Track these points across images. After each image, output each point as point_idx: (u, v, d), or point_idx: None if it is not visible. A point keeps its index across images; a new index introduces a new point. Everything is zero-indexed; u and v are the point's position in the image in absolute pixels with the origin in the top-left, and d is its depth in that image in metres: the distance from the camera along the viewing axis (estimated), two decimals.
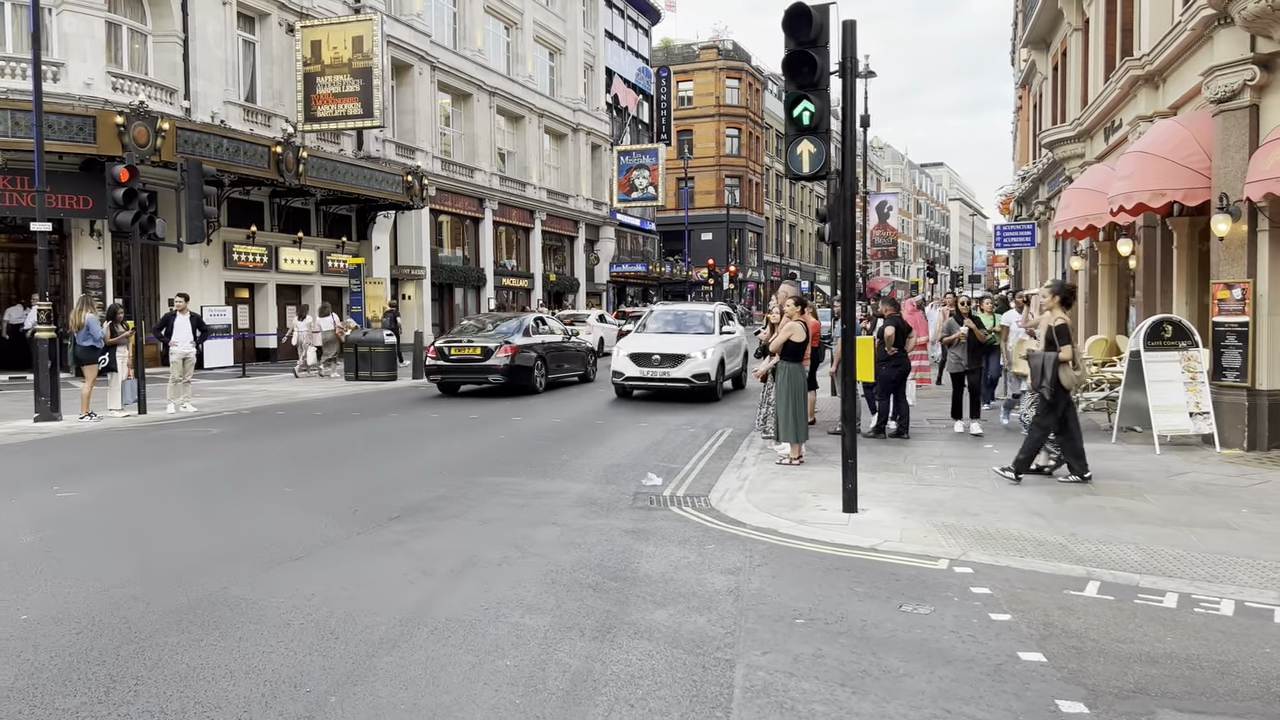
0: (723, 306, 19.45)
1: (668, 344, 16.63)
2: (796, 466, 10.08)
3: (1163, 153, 11.66)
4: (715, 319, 17.81)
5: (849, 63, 7.78)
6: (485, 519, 7.75)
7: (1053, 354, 8.99)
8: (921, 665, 4.65)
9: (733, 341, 17.94)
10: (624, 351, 16.78)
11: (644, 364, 16.29)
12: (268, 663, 4.65)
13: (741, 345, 18.68)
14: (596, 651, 4.84)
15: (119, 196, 14.03)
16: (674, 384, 16.16)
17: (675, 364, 16.14)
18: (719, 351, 16.74)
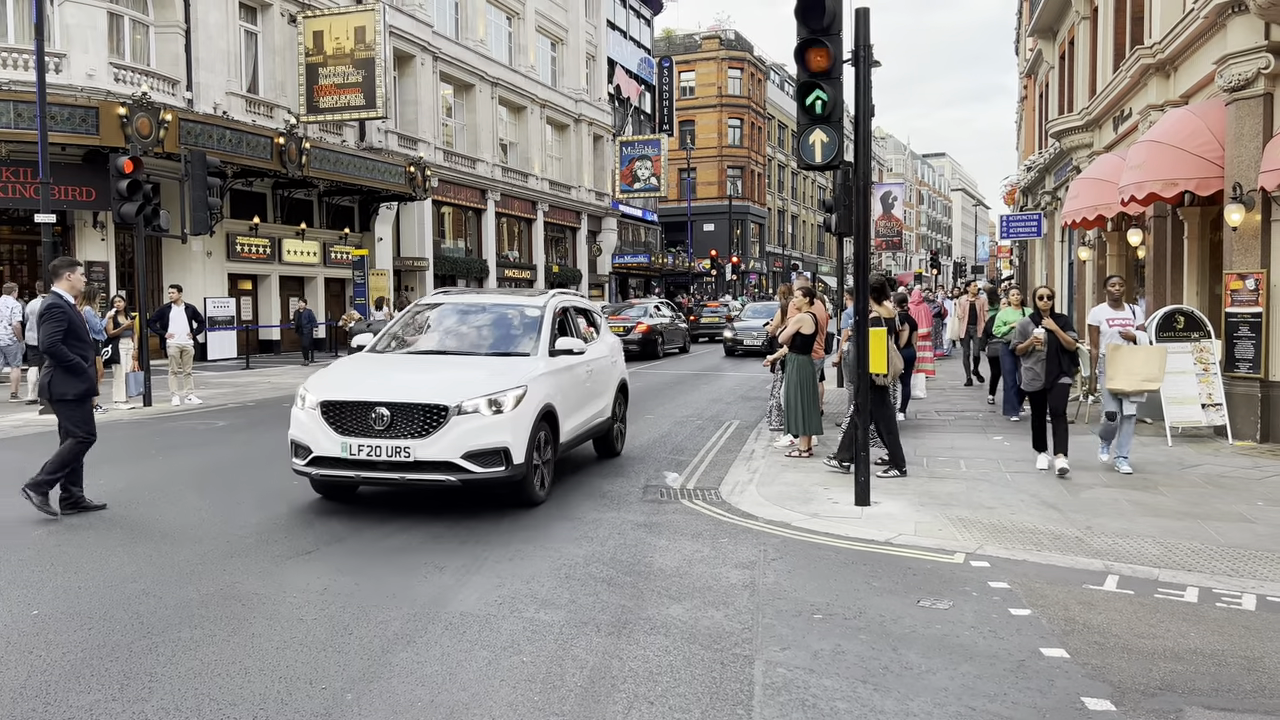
0: (571, 300, 10.09)
1: (414, 382, 7.71)
2: (806, 459, 10.02)
3: (1175, 142, 11.57)
4: (544, 324, 8.72)
5: (862, 51, 7.69)
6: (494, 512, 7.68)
7: None
8: (943, 661, 4.60)
9: (583, 369, 9.10)
10: (317, 397, 7.50)
11: (355, 428, 7.26)
12: (282, 659, 4.60)
13: (610, 372, 10.17)
14: (613, 647, 4.78)
15: (123, 188, 13.95)
16: (421, 478, 7.25)
17: (422, 428, 7.19)
18: (540, 394, 7.84)
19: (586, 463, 10.00)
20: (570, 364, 8.74)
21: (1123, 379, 9.02)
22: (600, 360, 9.86)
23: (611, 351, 10.51)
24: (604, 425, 9.98)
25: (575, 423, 8.83)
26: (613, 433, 10.32)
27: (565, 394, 8.49)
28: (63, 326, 7.45)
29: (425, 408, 7.18)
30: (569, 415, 8.57)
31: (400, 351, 8.78)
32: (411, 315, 9.52)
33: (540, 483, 7.89)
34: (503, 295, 10.04)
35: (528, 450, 7.51)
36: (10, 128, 19.06)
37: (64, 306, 7.57)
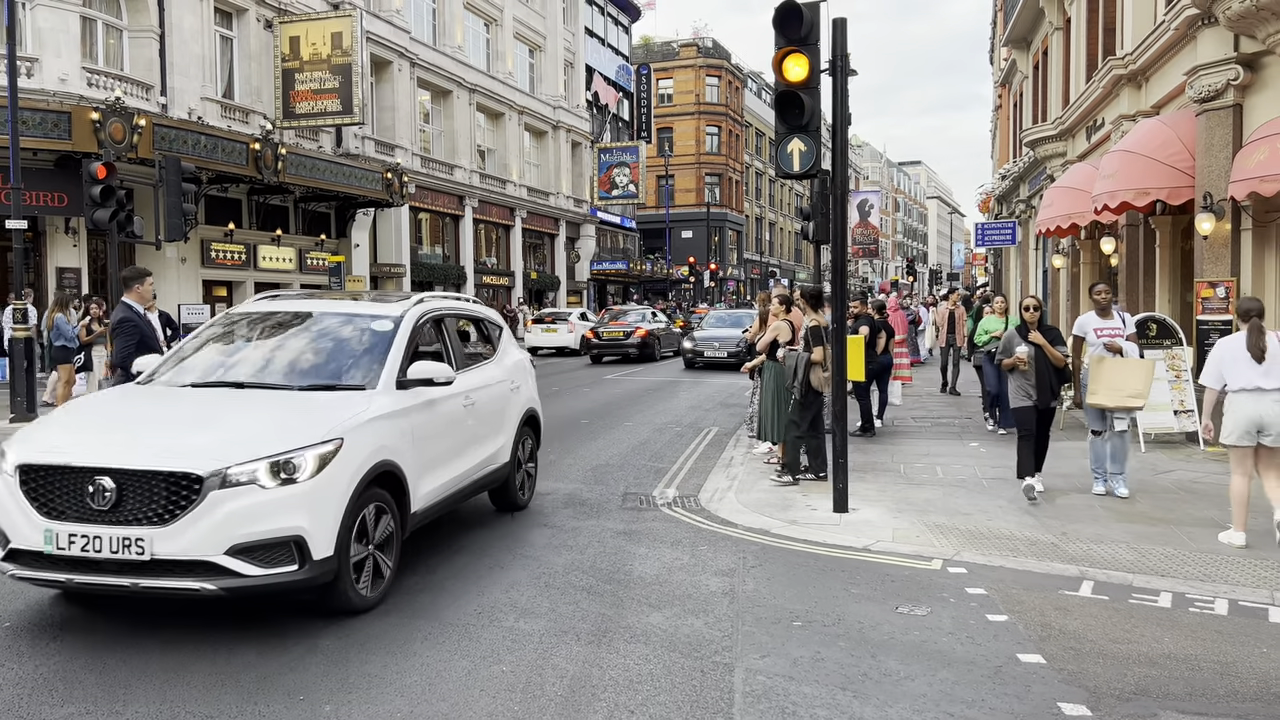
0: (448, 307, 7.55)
1: (162, 436, 5.22)
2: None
3: (1146, 151, 11.72)
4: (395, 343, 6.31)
5: (840, 60, 7.75)
6: (474, 520, 7.66)
7: (806, 354, 9.02)
8: (922, 667, 4.63)
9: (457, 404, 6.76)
10: (16, 458, 5.01)
11: (68, 507, 4.83)
12: (262, 667, 4.56)
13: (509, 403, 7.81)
14: (593, 656, 4.78)
15: (96, 194, 13.80)
16: (162, 586, 4.78)
17: (165, 509, 4.78)
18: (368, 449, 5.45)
19: (566, 471, 9.98)
20: (433, 398, 6.27)
21: (1105, 394, 8.22)
22: (491, 389, 7.36)
23: (512, 375, 7.93)
24: (498, 474, 7.45)
25: (442, 480, 6.34)
26: (513, 482, 7.77)
27: (422, 442, 6.04)
28: (134, 340, 7.22)
29: (168, 477, 4.75)
30: (430, 471, 6.14)
31: (179, 383, 6.03)
32: (217, 329, 6.77)
33: (366, 581, 5.35)
34: (347, 303, 7.03)
35: (339, 537, 5.07)
36: None
37: (135, 319, 7.37)
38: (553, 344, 29.93)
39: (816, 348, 8.95)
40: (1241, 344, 6.77)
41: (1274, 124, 9.93)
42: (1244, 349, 6.73)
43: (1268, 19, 9.76)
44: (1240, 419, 6.68)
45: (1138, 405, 8.34)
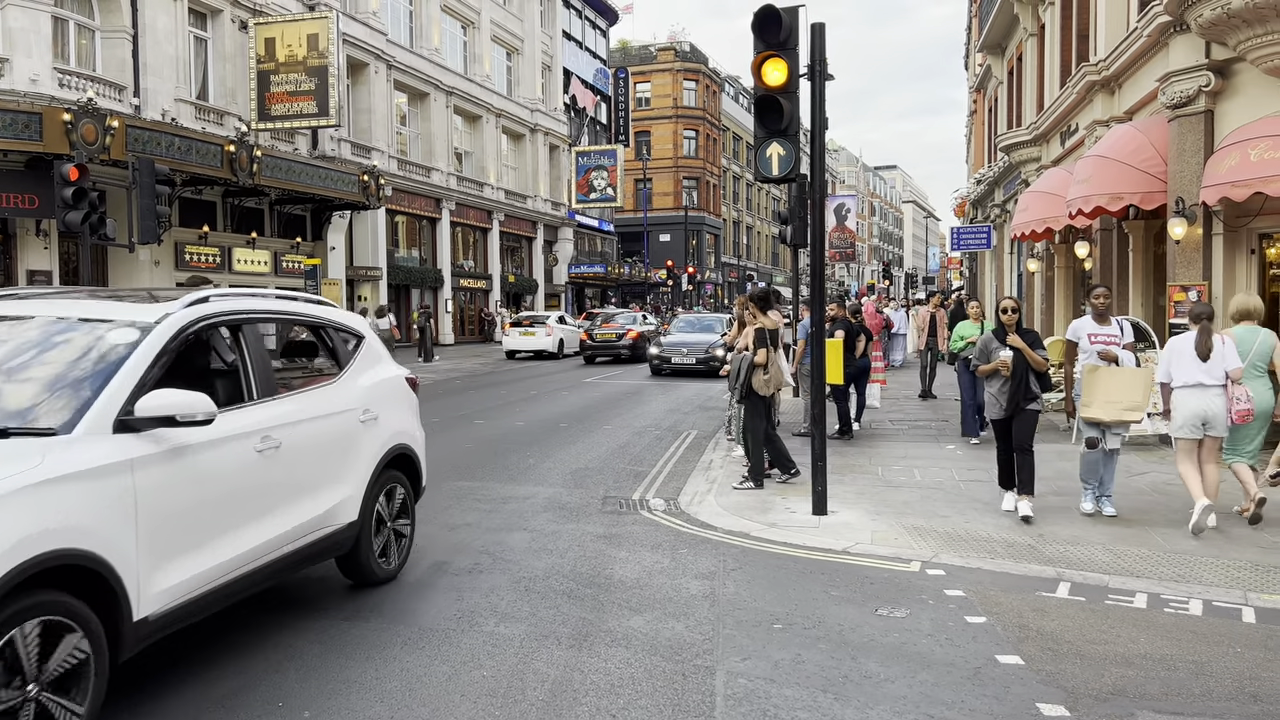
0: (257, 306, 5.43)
1: None
2: None
3: (1120, 157, 11.86)
4: (128, 363, 4.25)
5: (818, 65, 7.79)
6: (453, 525, 7.64)
7: (750, 356, 9.07)
8: (902, 669, 4.65)
9: (245, 449, 4.75)
10: None
11: None
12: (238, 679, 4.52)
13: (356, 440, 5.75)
14: (574, 660, 4.77)
15: (68, 195, 13.67)
16: None
17: None
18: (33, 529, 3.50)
19: (546, 475, 9.96)
20: (188, 443, 4.34)
21: (1099, 407, 7.59)
22: (319, 424, 5.43)
23: (365, 401, 5.91)
24: (336, 538, 5.48)
25: (214, 561, 4.45)
26: (365, 546, 5.77)
27: (163, 511, 4.17)
28: None
29: None
30: (184, 551, 4.28)
31: None
32: None
33: None
34: (82, 303, 4.87)
35: None
36: None
37: None
38: (531, 347, 29.86)
39: (760, 350, 8.98)
40: (1190, 343, 7.38)
41: (1245, 130, 10.08)
42: (1192, 347, 7.35)
43: (1239, 26, 9.90)
44: (1186, 413, 7.30)
45: (1135, 419, 7.77)
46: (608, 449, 11.70)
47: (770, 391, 9.13)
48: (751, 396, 9.05)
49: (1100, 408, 7.63)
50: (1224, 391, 7.20)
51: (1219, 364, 7.21)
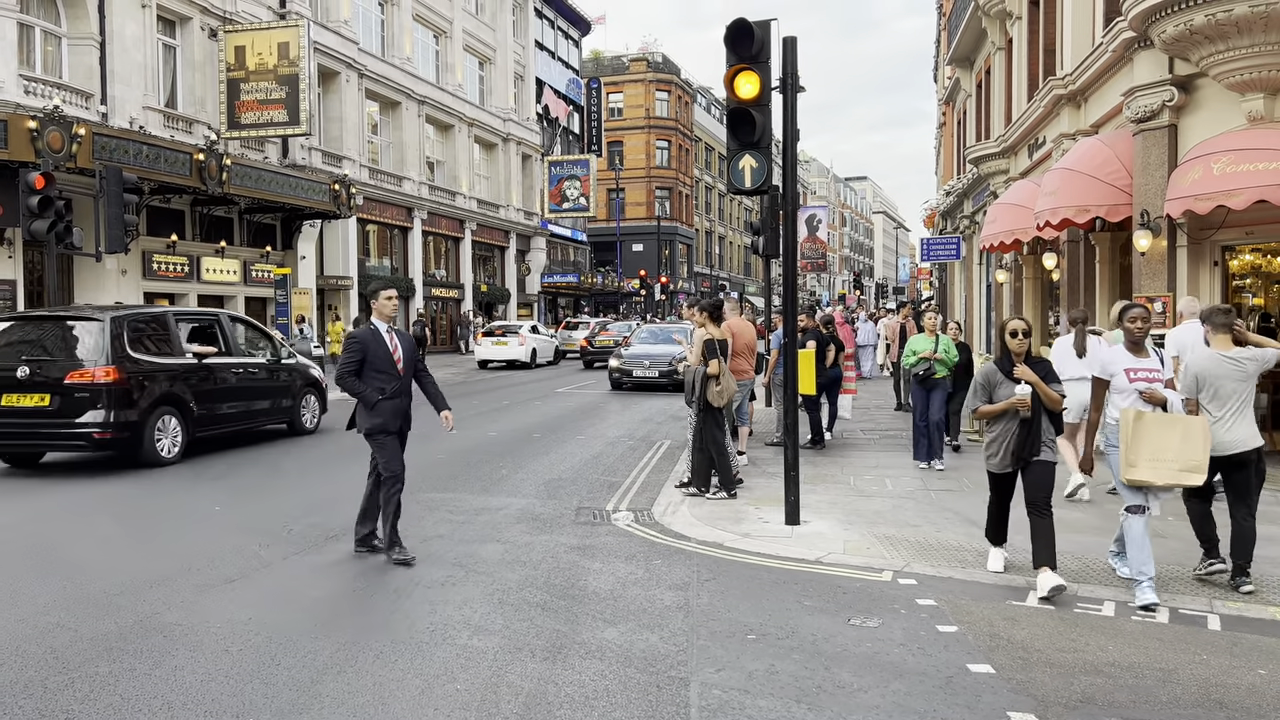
0: None
1: None
2: None
3: (1086, 170, 12.03)
4: None
5: (790, 79, 7.85)
6: (425, 537, 7.59)
7: (703, 368, 9.13)
8: (874, 679, 4.68)
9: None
10: None
11: None
12: (207, 692, 4.46)
13: None
14: (548, 673, 4.76)
15: (34, 204, 13.50)
16: None
17: None
18: None
19: (519, 486, 9.93)
20: None
21: (1147, 467, 5.84)
22: None
23: None
24: None
25: None
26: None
27: None
28: (356, 358, 6.84)
29: None
30: None
31: None
32: None
33: None
34: None
35: None
36: None
37: (361, 337, 6.93)
38: (503, 357, 29.80)
39: (712, 361, 9.02)
40: (1070, 343, 8.77)
41: (1207, 144, 10.26)
42: (1071, 347, 8.73)
43: (1201, 42, 10.09)
44: (1072, 402, 7.89)
45: (1196, 482, 5.95)
46: (581, 459, 11.68)
47: (723, 402, 9.13)
48: (707, 408, 9.06)
49: (1149, 468, 5.85)
50: None
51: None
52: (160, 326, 11.62)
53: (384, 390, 6.85)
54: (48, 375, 10.37)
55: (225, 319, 12.91)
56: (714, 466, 9.15)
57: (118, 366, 10.47)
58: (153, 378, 10.97)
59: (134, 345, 10.89)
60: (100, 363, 10.39)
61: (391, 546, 6.84)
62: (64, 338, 10.84)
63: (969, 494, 9.19)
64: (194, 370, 11.65)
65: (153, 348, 11.26)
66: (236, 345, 12.82)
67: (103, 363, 10.39)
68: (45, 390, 10.31)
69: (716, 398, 9.02)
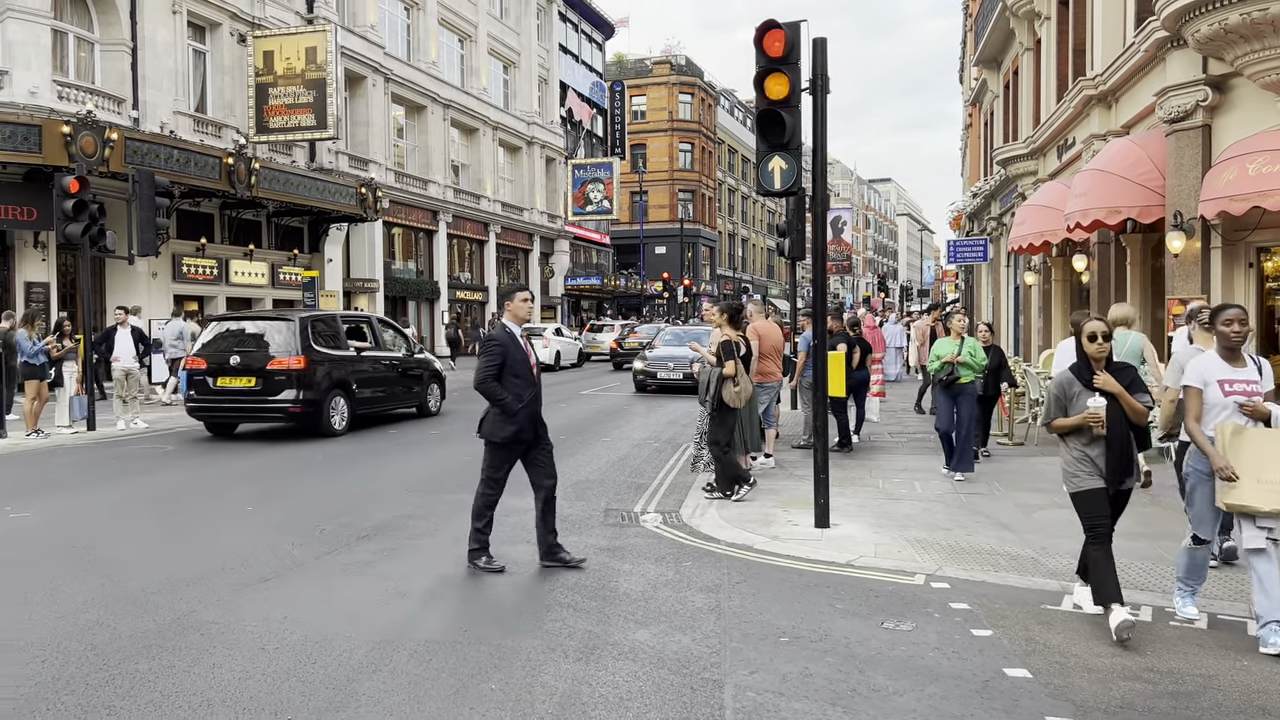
0: None
1: None
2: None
3: (1118, 170, 11.92)
4: None
5: (819, 80, 7.83)
6: (456, 537, 7.58)
7: (719, 369, 9.08)
8: (909, 683, 4.65)
9: None
10: None
11: None
12: (245, 689, 4.50)
13: None
14: (582, 673, 4.76)
15: (68, 208, 13.66)
16: None
17: None
18: None
19: None
20: None
21: (1252, 488, 5.11)
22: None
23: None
24: None
25: None
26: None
27: None
28: (496, 362, 6.59)
29: None
30: None
31: None
32: None
33: None
34: None
35: None
36: None
37: (501, 340, 6.69)
38: None
39: (728, 362, 9.00)
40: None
41: (1243, 144, 10.14)
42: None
43: (1236, 41, 9.98)
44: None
45: None
46: (607, 461, 11.69)
47: (741, 404, 9.13)
48: (723, 409, 9.04)
49: (1254, 490, 5.12)
50: None
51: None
52: (331, 325, 14.31)
53: (521, 397, 6.59)
54: (253, 363, 13.04)
55: (374, 320, 15.99)
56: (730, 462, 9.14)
57: (306, 356, 13.10)
58: (328, 365, 13.51)
59: (315, 340, 13.45)
60: (293, 353, 13.04)
61: (477, 556, 6.71)
62: (264, 334, 13.46)
63: (999, 497, 9.13)
64: (355, 360, 14.26)
65: (327, 342, 13.79)
66: (383, 341, 15.53)
67: (295, 353, 13.05)
68: (252, 374, 13.03)
69: (734, 399, 9.01)
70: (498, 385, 6.58)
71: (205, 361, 13.32)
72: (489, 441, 6.73)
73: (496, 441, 6.70)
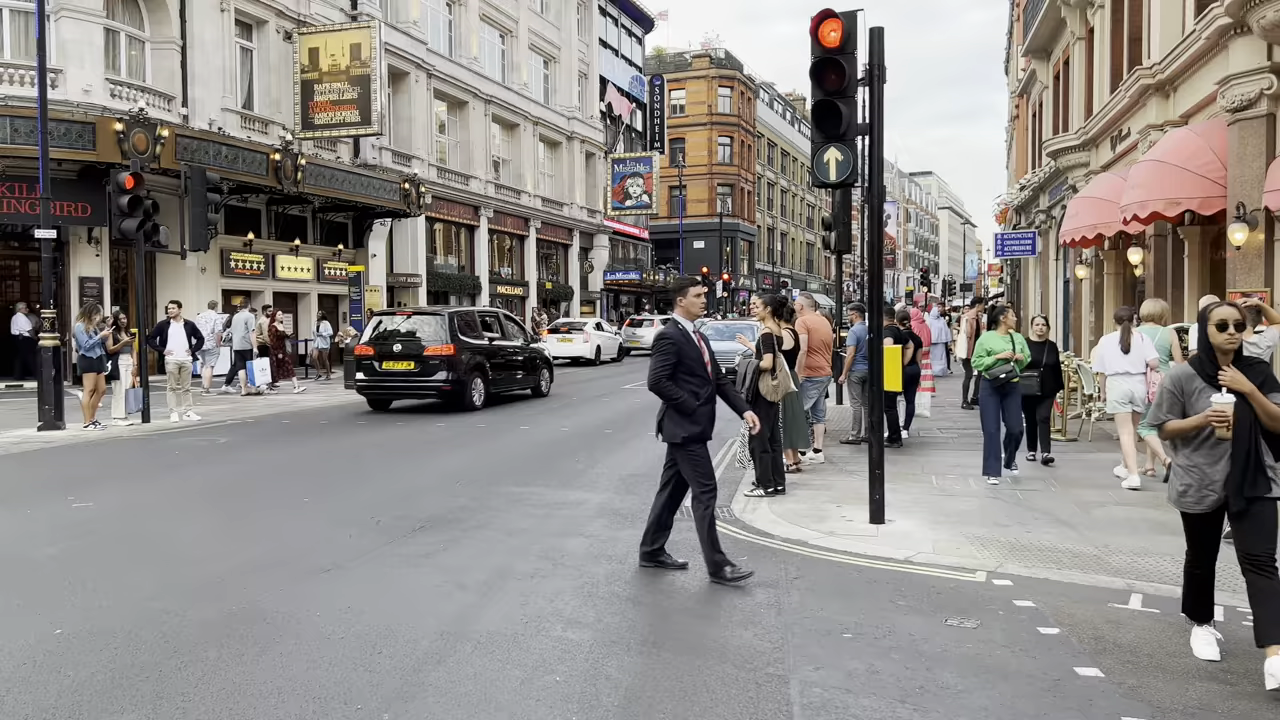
0: None
1: None
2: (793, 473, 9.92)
3: (1177, 161, 11.68)
4: None
5: (876, 70, 7.73)
6: (511, 530, 7.65)
7: (756, 361, 8.94)
8: (979, 681, 4.58)
9: None
10: None
11: None
12: (313, 678, 4.54)
13: None
14: (645, 667, 4.75)
15: (124, 204, 13.89)
16: None
17: None
18: None
19: (596, 480, 9.97)
20: None
21: None
22: None
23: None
24: None
25: None
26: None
27: None
28: (670, 361, 6.29)
29: None
30: None
31: None
32: None
33: None
34: None
35: None
36: (6, 143, 18.96)
37: (675, 338, 6.34)
38: (569, 354, 29.97)
39: (766, 355, 8.91)
40: (1115, 340, 9.38)
41: None
42: (1116, 344, 9.35)
43: None
44: (1117, 393, 9.34)
45: None
46: (655, 455, 11.59)
47: (778, 398, 9.01)
48: (759, 402, 8.96)
49: None
50: (1144, 377, 9.18)
51: (1139, 355, 9.20)
52: (471, 318, 17.24)
53: (697, 395, 6.36)
54: (412, 350, 15.93)
55: (501, 315, 19.11)
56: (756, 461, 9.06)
57: (454, 344, 15.89)
58: (470, 352, 16.30)
59: (461, 331, 16.23)
60: (444, 342, 15.86)
61: (720, 569, 6.20)
62: (419, 327, 16.29)
63: (1056, 494, 8.99)
64: (488, 349, 17.02)
65: (469, 333, 16.55)
66: (508, 332, 18.38)
67: (446, 342, 15.87)
68: (411, 359, 15.92)
69: (771, 393, 8.92)
70: (673, 384, 6.30)
71: (373, 349, 16.22)
72: (680, 445, 6.38)
73: (679, 442, 6.36)
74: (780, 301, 9.74)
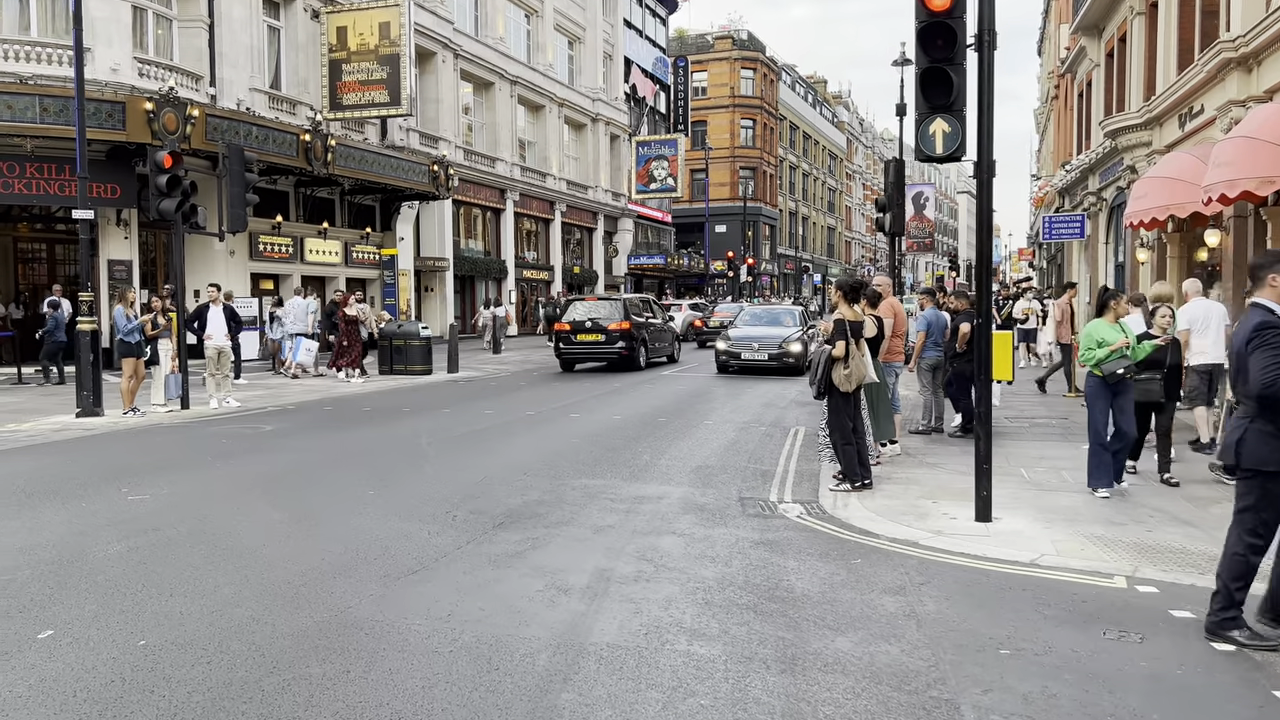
0: None
1: None
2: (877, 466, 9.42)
3: (1270, 137, 11.04)
4: None
5: (986, 35, 7.20)
6: (596, 527, 7.19)
7: (828, 350, 8.44)
8: (1173, 708, 4.10)
9: None
10: None
11: None
12: (432, 700, 4.09)
13: None
14: (793, 688, 4.28)
15: (162, 183, 13.45)
16: None
17: None
18: None
19: (667, 472, 9.48)
20: None
21: None
22: None
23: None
24: None
25: None
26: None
27: None
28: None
29: None
30: None
31: None
32: None
33: None
34: None
35: None
36: (36, 123, 18.53)
37: None
38: None
39: (839, 342, 8.40)
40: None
41: None
42: None
43: None
44: None
45: None
46: (719, 445, 11.19)
47: (851, 387, 8.48)
48: (833, 393, 8.46)
49: None
50: None
51: None
52: (635, 303, 22.49)
53: None
54: (600, 325, 21.14)
55: (650, 299, 25.21)
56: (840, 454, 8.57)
57: (629, 321, 21.13)
58: (637, 327, 21.38)
59: (630, 311, 21.49)
60: (621, 319, 21.13)
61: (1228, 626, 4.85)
62: (604, 307, 21.71)
63: (1164, 491, 8.46)
64: (647, 325, 22.20)
65: (636, 313, 21.85)
66: (656, 313, 23.91)
67: (622, 319, 21.14)
68: (599, 332, 21.10)
69: (844, 382, 8.41)
70: None
71: (569, 325, 21.51)
72: (1261, 472, 4.78)
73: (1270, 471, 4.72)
74: (858, 285, 9.20)
